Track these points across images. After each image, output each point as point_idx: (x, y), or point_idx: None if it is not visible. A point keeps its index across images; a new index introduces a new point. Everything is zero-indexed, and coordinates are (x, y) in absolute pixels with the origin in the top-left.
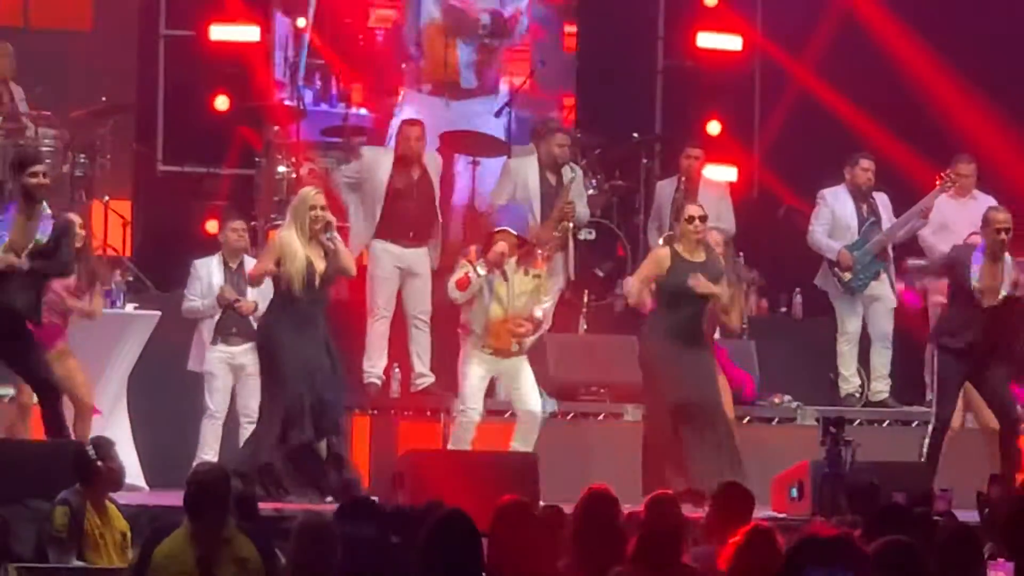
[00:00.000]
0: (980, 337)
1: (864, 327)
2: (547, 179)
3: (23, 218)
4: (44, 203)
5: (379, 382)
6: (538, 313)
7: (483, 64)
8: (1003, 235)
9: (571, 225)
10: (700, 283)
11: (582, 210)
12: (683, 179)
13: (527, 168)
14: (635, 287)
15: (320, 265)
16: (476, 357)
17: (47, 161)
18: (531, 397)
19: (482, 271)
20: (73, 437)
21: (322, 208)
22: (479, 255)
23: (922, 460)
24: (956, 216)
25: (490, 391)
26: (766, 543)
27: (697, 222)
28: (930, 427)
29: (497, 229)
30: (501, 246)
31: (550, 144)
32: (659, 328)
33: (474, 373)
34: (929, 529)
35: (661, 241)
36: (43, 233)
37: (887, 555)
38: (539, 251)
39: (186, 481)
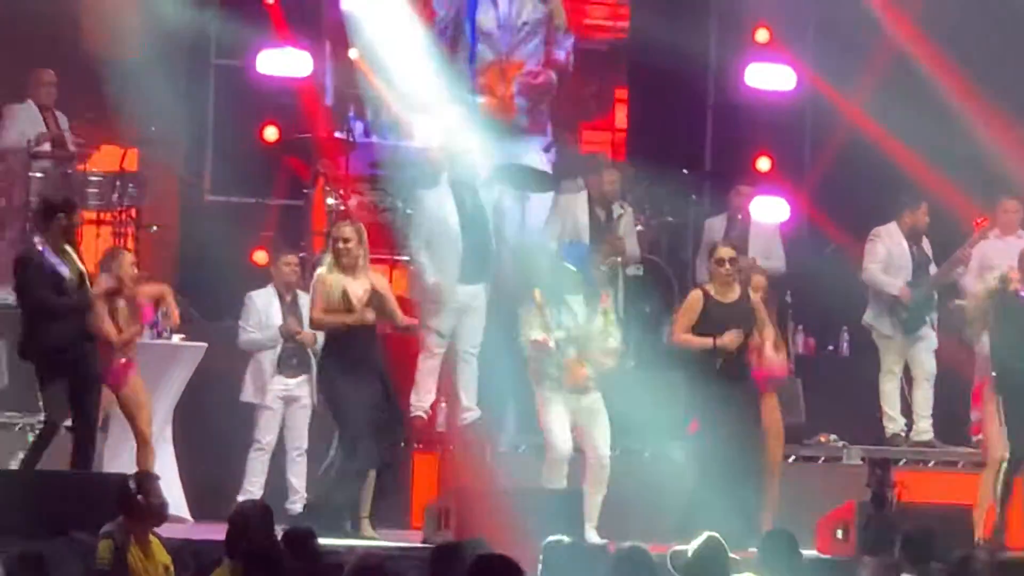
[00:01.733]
0: None
1: (907, 367)
2: (596, 215)
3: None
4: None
5: (425, 416)
6: (614, 344)
7: (534, 105)
8: None
9: (619, 260)
10: (730, 341)
11: (632, 247)
12: (734, 216)
13: (576, 204)
14: (680, 340)
15: (360, 296)
16: (555, 399)
17: (90, 190)
18: (604, 445)
19: (563, 340)
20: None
21: (344, 241)
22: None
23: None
24: (1001, 256)
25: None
26: None
27: (727, 265)
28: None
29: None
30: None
31: (600, 180)
32: (699, 368)
33: (556, 413)
34: None
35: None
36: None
37: None
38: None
39: (228, 519)
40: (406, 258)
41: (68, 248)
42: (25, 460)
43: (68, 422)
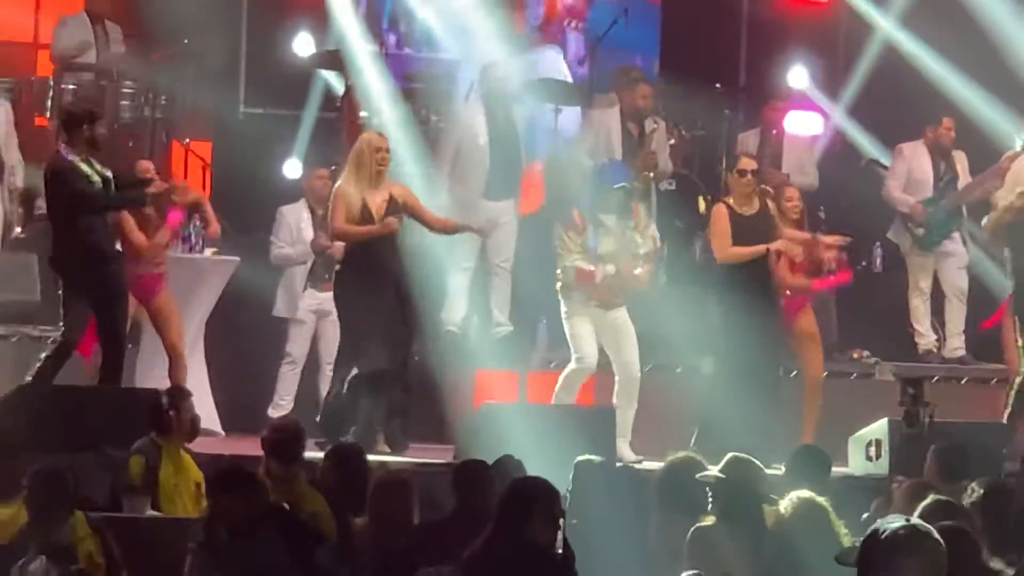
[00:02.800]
0: None
1: (938, 283)
2: (629, 130)
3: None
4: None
5: (456, 331)
6: (644, 255)
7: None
8: None
9: (652, 175)
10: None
11: (664, 162)
12: (767, 131)
13: (609, 119)
14: (732, 253)
15: (379, 205)
16: (581, 314)
17: (124, 102)
18: (633, 363)
19: (611, 272)
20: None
21: (381, 151)
22: (583, 218)
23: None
24: None
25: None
26: None
27: (749, 176)
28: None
29: (616, 186)
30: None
31: (634, 95)
32: (724, 281)
33: (582, 326)
34: None
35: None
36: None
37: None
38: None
39: (263, 436)
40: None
41: (93, 160)
42: (38, 373)
43: None
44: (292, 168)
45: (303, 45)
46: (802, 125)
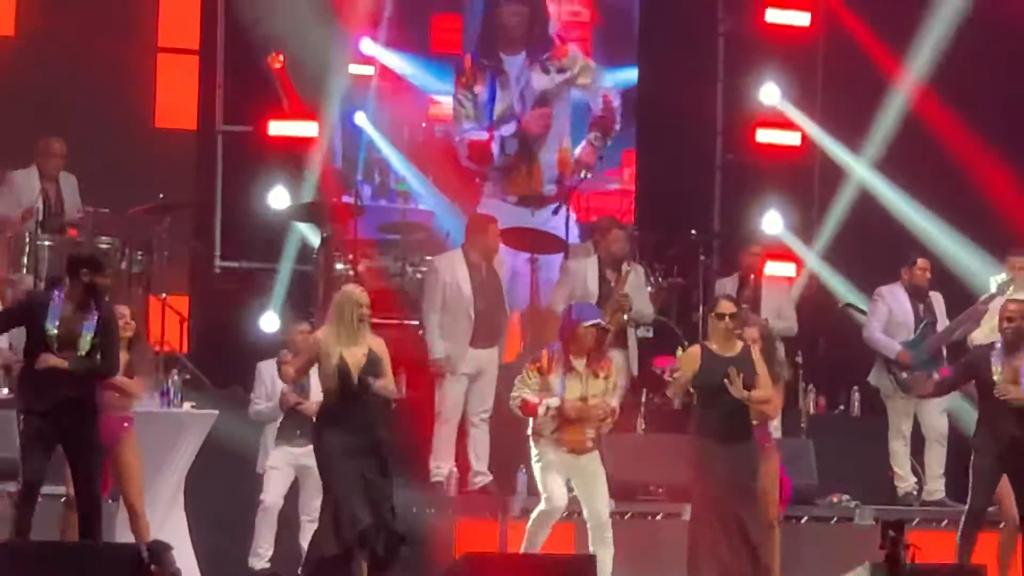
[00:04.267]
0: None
1: (917, 426)
2: (606, 278)
3: (72, 307)
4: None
5: (445, 482)
6: (613, 402)
7: (562, 173)
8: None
9: (626, 317)
10: (734, 385)
11: (642, 307)
12: (745, 277)
13: (585, 268)
14: (673, 392)
15: (358, 361)
16: (551, 459)
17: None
18: (603, 509)
19: (554, 405)
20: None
21: (368, 307)
22: (551, 362)
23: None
24: None
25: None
26: None
27: (728, 319)
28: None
29: (585, 324)
30: (590, 340)
31: (608, 242)
32: (700, 425)
33: (551, 469)
34: None
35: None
36: (88, 330)
37: None
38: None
39: None
40: (415, 323)
41: (91, 307)
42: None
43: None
44: (269, 322)
45: (278, 198)
46: (778, 271)
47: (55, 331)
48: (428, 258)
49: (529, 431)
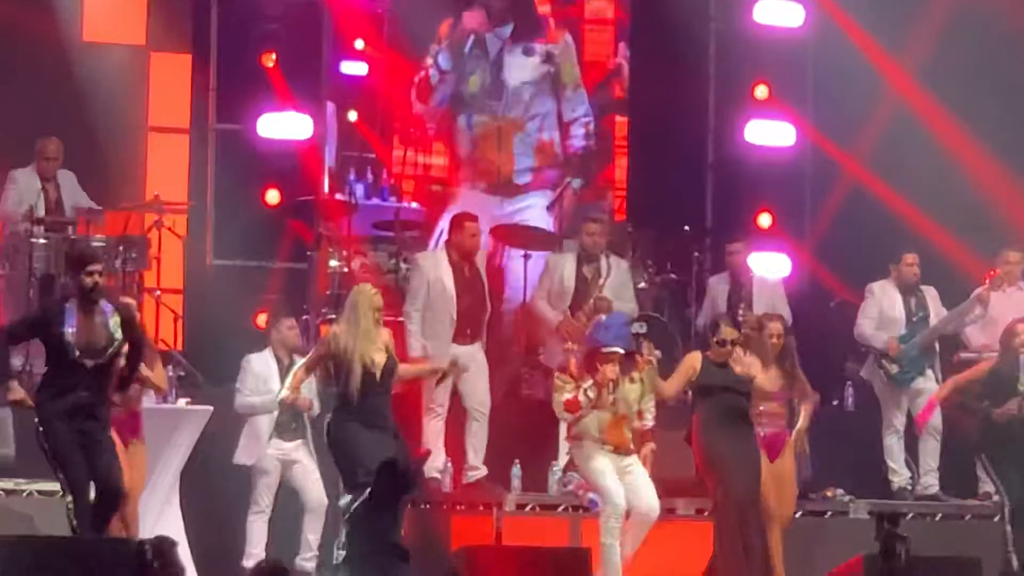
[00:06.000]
0: None
1: (911, 420)
2: (583, 273)
3: (83, 316)
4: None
5: (439, 476)
6: (648, 421)
7: (541, 166)
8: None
9: (604, 319)
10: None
11: (624, 304)
12: (735, 274)
13: (564, 263)
14: (669, 393)
15: (380, 359)
16: (599, 457)
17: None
18: (653, 498)
19: (592, 394)
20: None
21: (381, 310)
22: (579, 369)
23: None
24: (1002, 307)
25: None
26: None
27: (729, 346)
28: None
29: (605, 350)
30: (612, 370)
31: (582, 235)
32: (704, 422)
33: (604, 467)
34: None
35: None
36: (108, 327)
37: None
38: (639, 355)
39: None
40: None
41: (91, 309)
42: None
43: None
44: (264, 319)
45: (272, 196)
46: (770, 266)
47: (74, 339)
48: (414, 256)
49: (565, 435)
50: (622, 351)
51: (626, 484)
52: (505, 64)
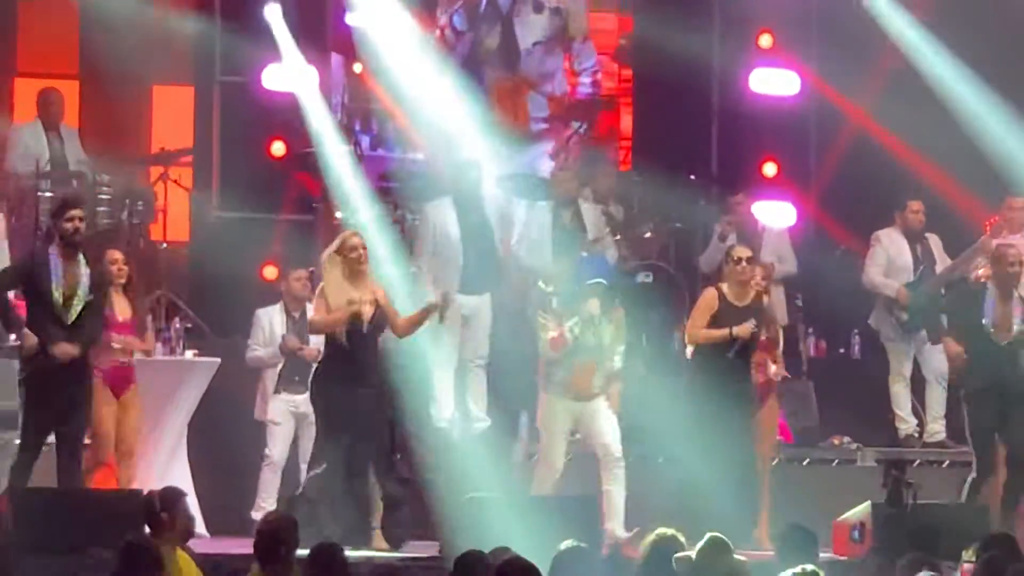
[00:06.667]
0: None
1: (918, 368)
2: (560, 216)
3: (64, 262)
4: (81, 254)
5: (447, 426)
6: (617, 363)
7: (552, 115)
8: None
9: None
10: (745, 331)
11: (604, 246)
12: (743, 223)
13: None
14: (697, 335)
15: (367, 311)
16: (559, 408)
17: (100, 208)
18: (614, 444)
19: (577, 331)
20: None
21: (363, 247)
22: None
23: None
24: None
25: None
26: None
27: (744, 264)
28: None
29: (588, 283)
30: (594, 305)
31: (555, 181)
32: (702, 371)
33: (558, 426)
34: None
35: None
36: (83, 289)
37: None
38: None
39: (256, 529)
40: (414, 270)
41: (74, 255)
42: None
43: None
44: (271, 271)
45: (277, 148)
46: (775, 215)
47: (59, 296)
48: (422, 206)
49: (538, 376)
50: (604, 283)
51: (589, 429)
52: (516, 24)
